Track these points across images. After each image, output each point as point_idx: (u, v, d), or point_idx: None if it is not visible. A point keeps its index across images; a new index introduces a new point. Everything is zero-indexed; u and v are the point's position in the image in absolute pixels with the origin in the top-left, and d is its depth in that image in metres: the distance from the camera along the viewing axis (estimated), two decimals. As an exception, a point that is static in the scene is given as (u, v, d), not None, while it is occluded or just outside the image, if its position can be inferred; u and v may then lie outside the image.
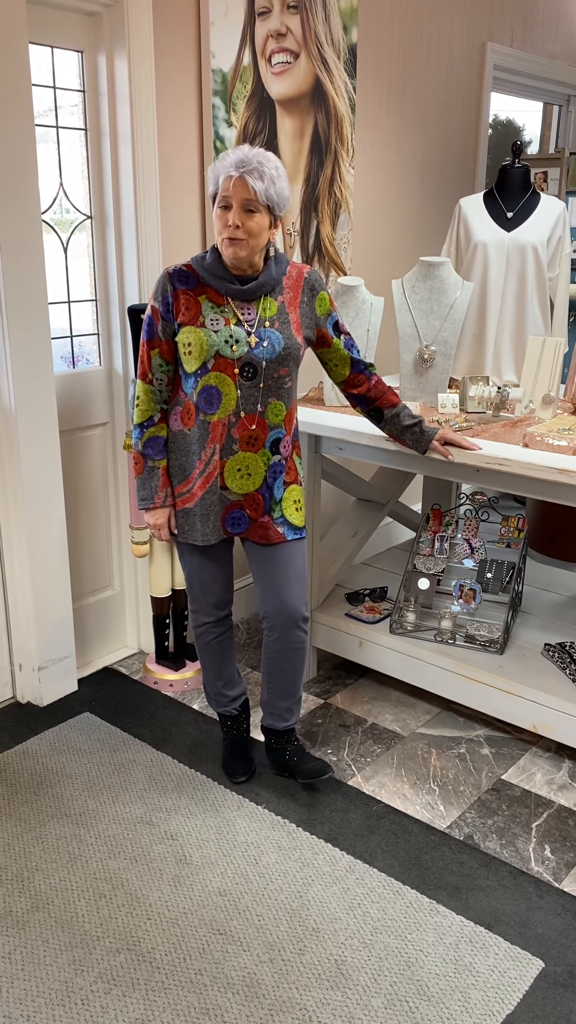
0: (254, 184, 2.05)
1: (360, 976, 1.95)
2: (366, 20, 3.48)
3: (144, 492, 2.31)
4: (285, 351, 2.21)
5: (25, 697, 3.01)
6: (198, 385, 2.20)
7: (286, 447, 2.32)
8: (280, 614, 2.39)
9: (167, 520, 2.34)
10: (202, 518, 2.30)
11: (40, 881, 2.21)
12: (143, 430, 2.28)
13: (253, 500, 2.30)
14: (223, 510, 2.30)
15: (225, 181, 2.07)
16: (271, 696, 2.52)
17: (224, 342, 2.16)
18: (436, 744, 2.79)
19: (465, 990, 1.91)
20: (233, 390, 2.19)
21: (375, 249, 3.85)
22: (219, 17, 2.90)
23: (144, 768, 2.64)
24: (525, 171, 3.15)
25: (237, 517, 2.31)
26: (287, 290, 2.24)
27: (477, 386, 2.85)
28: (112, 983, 1.92)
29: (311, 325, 2.29)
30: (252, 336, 2.18)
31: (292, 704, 2.52)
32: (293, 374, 2.28)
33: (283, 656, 2.44)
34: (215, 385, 2.19)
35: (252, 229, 2.09)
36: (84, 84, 2.80)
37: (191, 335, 2.16)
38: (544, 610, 3.16)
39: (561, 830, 2.41)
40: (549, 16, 4.60)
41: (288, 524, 2.35)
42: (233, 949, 2.01)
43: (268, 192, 2.07)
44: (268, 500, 2.32)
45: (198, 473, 2.26)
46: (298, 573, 2.39)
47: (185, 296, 2.17)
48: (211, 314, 2.17)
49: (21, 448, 2.72)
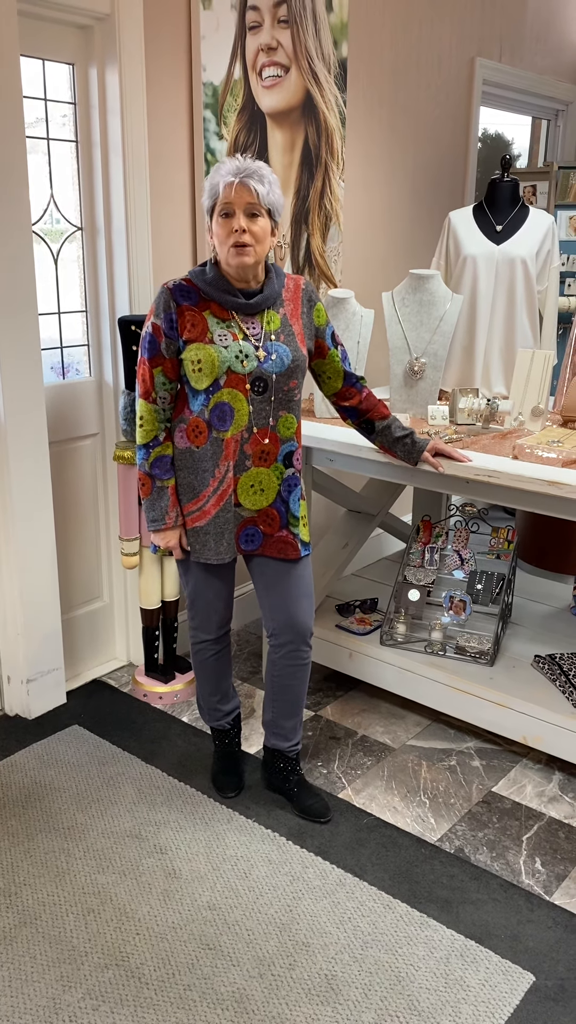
0: (256, 187, 2.03)
1: (350, 991, 1.93)
2: (356, 35, 3.51)
3: (154, 513, 2.26)
4: (294, 363, 2.19)
5: (13, 710, 2.99)
6: (210, 403, 2.16)
7: (298, 460, 2.31)
8: (290, 630, 2.36)
9: (179, 540, 2.29)
10: (216, 536, 2.26)
11: (28, 896, 2.19)
12: (148, 451, 2.22)
13: (267, 515, 2.28)
14: (237, 527, 2.28)
15: (226, 188, 2.04)
16: (275, 715, 2.50)
17: (235, 358, 2.13)
18: (426, 756, 2.79)
19: (456, 1004, 1.90)
20: (245, 406, 2.17)
21: (365, 262, 3.87)
22: (210, 31, 2.92)
23: (133, 781, 2.62)
24: (514, 185, 3.17)
25: (251, 534, 2.29)
26: (287, 302, 2.23)
27: (467, 398, 2.86)
28: (100, 999, 1.91)
29: (312, 336, 2.29)
30: (260, 350, 2.16)
31: (296, 723, 2.50)
32: (301, 386, 2.26)
33: (290, 673, 2.42)
34: (228, 402, 2.16)
35: (258, 234, 2.07)
36: (75, 96, 2.81)
37: (200, 352, 2.12)
38: (534, 622, 3.16)
39: (551, 843, 2.41)
40: (537, 32, 4.65)
41: (302, 540, 2.34)
42: (222, 964, 2.00)
43: (269, 196, 2.07)
44: (284, 515, 2.29)
45: (211, 491, 2.23)
46: (307, 589, 2.38)
47: (190, 312, 2.13)
48: (218, 330, 2.13)
49: (10, 459, 2.71)
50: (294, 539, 2.31)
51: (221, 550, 2.27)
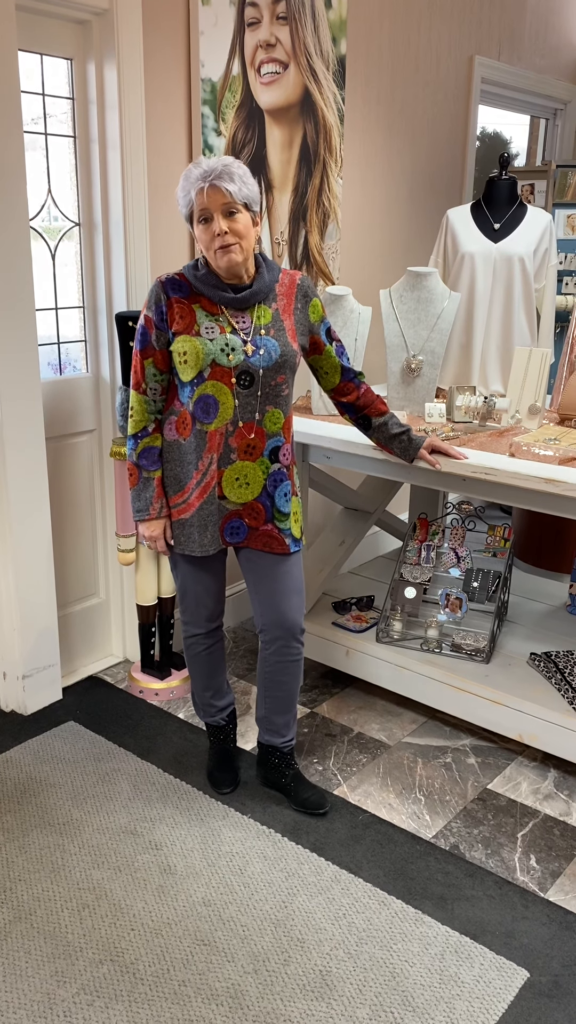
0: (227, 187, 2.04)
1: (345, 987, 1.94)
2: (355, 32, 3.50)
3: (139, 504, 2.28)
4: (282, 358, 2.20)
5: (9, 706, 2.99)
6: (194, 394, 2.18)
7: (286, 456, 2.31)
8: (279, 626, 2.37)
9: (163, 531, 2.31)
10: (200, 528, 2.27)
11: (23, 891, 2.18)
12: (137, 441, 2.25)
13: (252, 509, 2.28)
14: (222, 520, 2.28)
15: (198, 196, 2.06)
16: (268, 711, 2.50)
17: (220, 350, 2.14)
18: (422, 753, 2.79)
19: (450, 1000, 1.91)
20: (230, 399, 2.18)
21: (363, 259, 3.87)
22: (209, 27, 2.92)
23: (129, 777, 2.62)
24: (512, 183, 3.17)
25: (236, 527, 2.30)
26: (280, 297, 2.23)
27: (464, 396, 2.86)
28: (95, 995, 1.91)
29: (305, 332, 2.29)
30: (248, 344, 2.16)
31: (289, 719, 2.51)
32: (290, 381, 2.26)
33: (281, 669, 2.42)
34: (212, 394, 2.17)
35: (239, 231, 2.08)
36: (73, 92, 2.80)
37: (186, 344, 2.14)
38: (530, 619, 3.16)
39: (546, 840, 2.41)
40: (536, 30, 4.65)
41: (292, 536, 2.34)
42: (217, 960, 2.00)
43: (242, 191, 2.07)
44: (269, 509, 2.29)
45: (195, 483, 2.24)
46: (297, 585, 2.38)
47: (179, 305, 2.15)
48: (206, 323, 2.15)
49: (7, 455, 2.71)
50: (279, 534, 2.31)
51: (205, 542, 2.28)
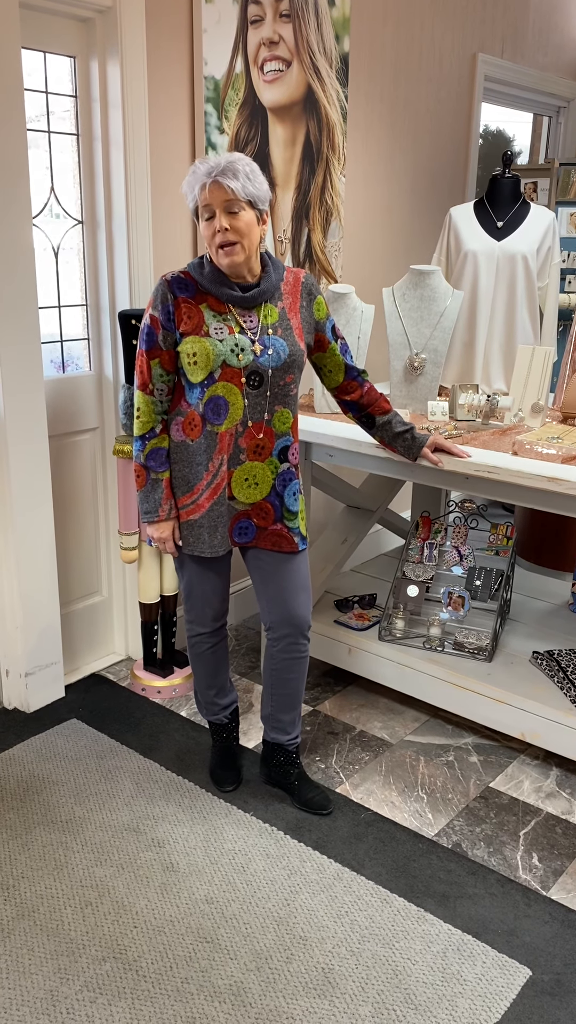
0: (230, 184, 2.03)
1: (347, 984, 1.94)
2: (358, 29, 3.50)
3: (147, 505, 2.26)
4: (290, 358, 2.19)
5: (12, 703, 2.99)
6: (204, 396, 2.16)
7: (294, 455, 2.31)
8: (287, 623, 2.37)
9: (171, 532, 2.30)
10: (210, 529, 2.27)
11: (26, 889, 2.19)
12: (145, 442, 2.23)
13: (261, 509, 2.28)
14: (231, 520, 2.28)
15: (201, 191, 2.05)
16: (274, 709, 2.50)
17: (230, 351, 2.13)
18: (424, 752, 2.79)
19: (452, 999, 1.91)
20: (240, 399, 2.17)
21: (366, 257, 3.87)
22: (212, 24, 2.91)
23: (131, 775, 2.63)
24: (515, 181, 3.17)
25: (244, 527, 2.29)
26: (286, 296, 2.22)
27: (467, 394, 2.86)
28: (98, 992, 1.91)
29: (311, 330, 2.28)
30: (256, 344, 2.15)
31: (295, 716, 2.51)
32: (297, 381, 2.26)
33: (288, 666, 2.42)
34: (222, 395, 2.16)
35: (241, 228, 2.06)
36: (76, 89, 2.80)
37: (196, 345, 2.12)
38: (532, 618, 3.16)
39: (549, 838, 2.41)
40: (539, 28, 4.64)
41: (300, 534, 2.34)
42: (220, 957, 2.00)
43: (246, 188, 2.05)
44: (279, 508, 2.29)
45: (205, 484, 2.23)
46: (304, 582, 2.38)
47: (186, 304, 2.13)
48: (214, 323, 2.13)
49: (10, 453, 2.71)
50: (289, 532, 2.31)
51: (215, 543, 2.28)
